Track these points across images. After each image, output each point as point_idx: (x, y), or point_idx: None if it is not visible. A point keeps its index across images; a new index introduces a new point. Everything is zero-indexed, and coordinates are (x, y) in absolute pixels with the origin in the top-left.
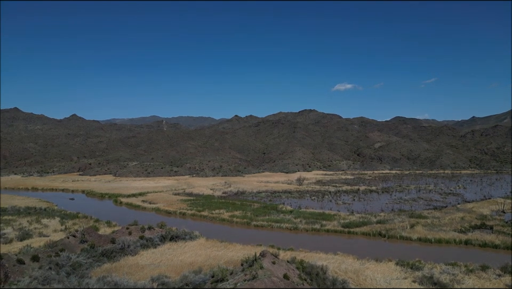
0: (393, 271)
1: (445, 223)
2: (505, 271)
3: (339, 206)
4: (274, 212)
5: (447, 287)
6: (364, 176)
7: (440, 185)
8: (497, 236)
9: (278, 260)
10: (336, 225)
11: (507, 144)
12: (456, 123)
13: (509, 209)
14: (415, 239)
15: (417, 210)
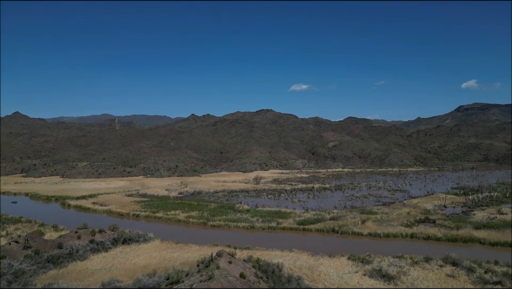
0: (346, 266)
1: (392, 218)
2: (446, 261)
3: (295, 204)
4: (231, 212)
5: (394, 278)
6: (318, 174)
7: (388, 182)
8: (439, 229)
9: (234, 259)
10: (291, 223)
11: (448, 143)
12: (404, 123)
13: (450, 204)
14: (365, 234)
15: (368, 207)
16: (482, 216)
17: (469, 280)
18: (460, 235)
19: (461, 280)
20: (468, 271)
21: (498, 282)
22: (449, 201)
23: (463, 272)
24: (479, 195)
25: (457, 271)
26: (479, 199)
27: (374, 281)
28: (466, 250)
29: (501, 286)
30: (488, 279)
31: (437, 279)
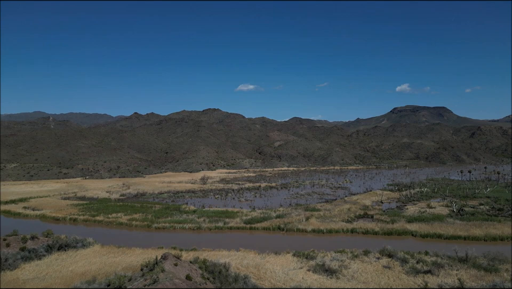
0: (291, 262)
1: (335, 214)
2: (383, 254)
3: (242, 203)
4: (177, 213)
5: (336, 272)
6: (265, 173)
7: (331, 180)
8: (376, 224)
9: (180, 261)
10: (238, 222)
11: (384, 142)
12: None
13: (386, 200)
14: (310, 231)
15: (311, 204)
16: (414, 210)
17: (403, 270)
18: (394, 229)
19: (395, 270)
20: (402, 262)
21: (429, 271)
22: (385, 197)
23: (398, 263)
24: (411, 191)
25: (393, 262)
26: (411, 194)
27: (318, 276)
28: (401, 243)
29: (430, 274)
30: (420, 268)
31: (374, 270)
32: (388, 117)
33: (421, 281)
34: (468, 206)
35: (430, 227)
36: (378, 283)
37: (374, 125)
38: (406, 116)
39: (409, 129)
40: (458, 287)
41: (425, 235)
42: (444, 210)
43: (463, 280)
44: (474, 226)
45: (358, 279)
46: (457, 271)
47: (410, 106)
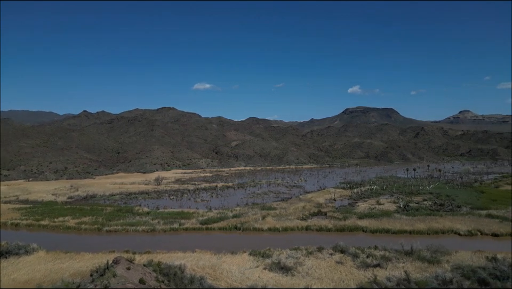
0: (247, 261)
1: (290, 213)
2: (336, 250)
3: (198, 204)
4: (129, 215)
5: (291, 269)
6: (222, 173)
7: (286, 179)
8: (330, 221)
9: (133, 265)
10: (194, 223)
11: (337, 142)
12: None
13: (338, 197)
14: (266, 229)
15: (268, 203)
16: (364, 207)
17: (354, 265)
18: (346, 225)
19: (347, 265)
20: (354, 257)
21: (378, 265)
22: (338, 194)
23: (350, 258)
24: (362, 189)
25: (345, 257)
26: (362, 192)
27: (274, 274)
28: (352, 238)
29: (379, 267)
30: (370, 262)
31: (328, 266)
32: (340, 118)
33: (371, 275)
34: (413, 202)
35: (379, 223)
36: (331, 279)
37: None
38: (357, 117)
39: (360, 129)
40: (405, 278)
41: (375, 230)
42: (392, 206)
43: (409, 272)
44: (418, 221)
45: (312, 275)
46: (404, 263)
47: (361, 107)
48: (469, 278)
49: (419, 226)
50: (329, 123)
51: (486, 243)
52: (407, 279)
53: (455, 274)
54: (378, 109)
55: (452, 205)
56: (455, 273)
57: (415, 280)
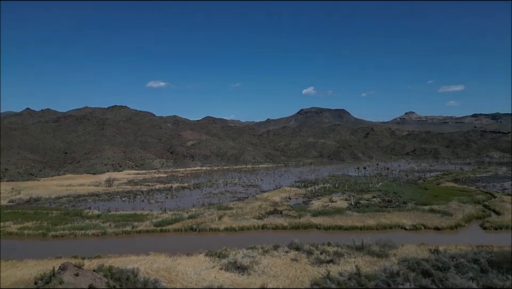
0: (203, 262)
1: (246, 212)
2: (291, 247)
3: (152, 205)
4: (78, 218)
5: (248, 268)
6: (177, 173)
7: (243, 178)
8: (285, 219)
9: (82, 271)
10: (148, 225)
11: (292, 142)
12: (256, 124)
13: (293, 196)
14: (222, 230)
15: (224, 203)
16: (318, 204)
17: (309, 262)
18: (301, 223)
19: (302, 262)
20: (308, 254)
21: (331, 261)
22: (293, 193)
23: (304, 255)
24: (316, 187)
25: (300, 255)
26: (316, 190)
27: (230, 274)
28: (307, 236)
29: (332, 263)
30: (323, 259)
31: (283, 264)
32: (295, 118)
33: (324, 270)
34: (363, 199)
35: (332, 220)
36: (286, 276)
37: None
38: (311, 117)
39: (314, 130)
40: (356, 272)
41: (328, 227)
42: (344, 203)
43: (360, 266)
44: (368, 217)
45: (268, 274)
46: (355, 258)
47: (315, 108)
48: (414, 269)
49: (369, 222)
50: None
51: (429, 237)
52: (358, 273)
53: (402, 267)
54: (331, 110)
55: (398, 201)
56: (401, 266)
57: (365, 273)
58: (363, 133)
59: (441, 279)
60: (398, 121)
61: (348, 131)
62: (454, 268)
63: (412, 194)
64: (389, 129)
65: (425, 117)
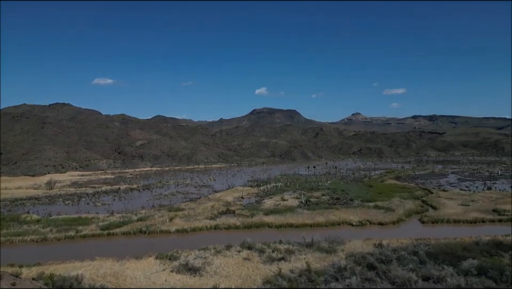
0: (153, 265)
1: (199, 213)
2: (243, 246)
3: (98, 208)
4: (15, 224)
5: (200, 269)
6: (125, 174)
7: (195, 179)
8: (238, 218)
9: (20, 280)
10: (94, 229)
11: (245, 141)
12: (208, 123)
13: (246, 195)
14: (173, 231)
15: (176, 204)
16: (270, 203)
17: (261, 260)
18: (254, 222)
19: (254, 261)
20: (260, 253)
21: (282, 258)
22: (246, 192)
23: (256, 254)
24: (268, 186)
25: (252, 253)
26: (268, 189)
27: (181, 276)
28: (259, 234)
29: (284, 261)
30: (275, 257)
31: (236, 263)
32: (248, 118)
33: (276, 268)
34: (313, 197)
35: (284, 218)
36: (239, 275)
37: (236, 125)
38: (264, 117)
39: (266, 130)
40: (306, 269)
41: (280, 225)
42: (295, 202)
43: (310, 263)
44: (318, 215)
45: (221, 274)
46: (305, 255)
47: (267, 108)
48: (360, 263)
49: (318, 219)
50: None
51: (374, 232)
52: (308, 269)
53: (349, 262)
54: (283, 110)
55: (346, 199)
56: (348, 261)
57: (315, 269)
58: (313, 133)
59: (384, 271)
60: (346, 121)
61: (299, 131)
62: (396, 260)
63: (358, 192)
64: (337, 129)
65: (370, 118)
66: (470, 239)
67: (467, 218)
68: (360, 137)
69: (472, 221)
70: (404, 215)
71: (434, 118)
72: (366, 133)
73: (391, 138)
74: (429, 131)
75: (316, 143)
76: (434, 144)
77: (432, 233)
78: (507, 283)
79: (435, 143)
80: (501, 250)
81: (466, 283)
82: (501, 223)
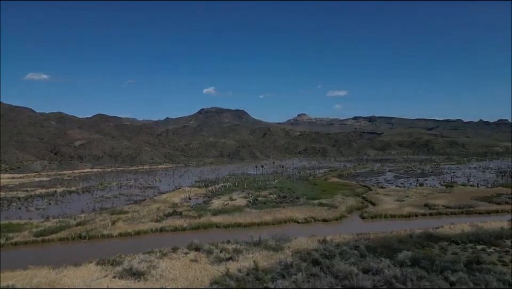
0: (94, 272)
1: (143, 215)
2: (191, 248)
3: (31, 213)
4: None
5: (144, 274)
6: (63, 176)
7: (140, 180)
8: (185, 220)
9: None
10: (27, 236)
11: (193, 141)
12: (154, 123)
13: (194, 196)
14: (116, 235)
15: (119, 207)
16: (218, 203)
17: (209, 261)
18: (201, 223)
19: (202, 262)
20: (208, 253)
21: (230, 258)
22: (193, 193)
23: (204, 255)
24: (216, 186)
25: (199, 255)
26: (216, 189)
27: (125, 281)
28: (207, 235)
29: (232, 260)
30: (223, 257)
31: (182, 266)
32: (195, 117)
33: (224, 268)
34: (261, 196)
35: (232, 218)
36: (186, 278)
37: (183, 125)
38: (212, 117)
39: (214, 129)
40: (253, 267)
41: (228, 225)
42: (243, 201)
43: (257, 261)
44: (265, 213)
45: (167, 277)
46: (253, 254)
47: (215, 108)
48: (306, 260)
49: (266, 218)
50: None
51: (318, 228)
52: (256, 268)
53: (295, 258)
54: (231, 110)
55: (292, 197)
56: (294, 257)
57: (262, 268)
58: (261, 133)
59: (328, 266)
60: (292, 122)
61: (247, 131)
62: (339, 255)
63: (303, 190)
64: (284, 129)
65: (315, 119)
66: (405, 232)
67: (402, 213)
68: (305, 137)
69: (407, 215)
70: (346, 212)
71: (373, 119)
72: (311, 133)
73: (334, 138)
74: (368, 132)
75: (263, 143)
76: (373, 143)
77: (372, 228)
78: (437, 272)
79: (374, 143)
80: (432, 242)
81: (401, 274)
82: (432, 216)
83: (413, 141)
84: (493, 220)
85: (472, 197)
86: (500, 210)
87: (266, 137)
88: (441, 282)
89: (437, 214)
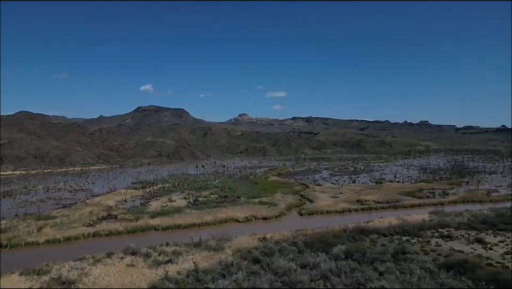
0: (17, 283)
1: (74, 220)
2: (127, 253)
3: None
4: None
5: (76, 282)
6: None
7: (70, 182)
8: (120, 223)
9: None
10: None
11: (129, 141)
12: (86, 121)
13: (130, 198)
14: (43, 242)
15: (45, 212)
16: (157, 205)
17: (146, 265)
18: (138, 226)
19: (139, 266)
20: (145, 257)
21: (169, 261)
22: (129, 195)
23: (141, 259)
24: (155, 187)
25: (136, 259)
26: (154, 190)
27: None
28: (145, 238)
29: (171, 263)
30: (161, 260)
31: (118, 271)
32: (132, 116)
33: (162, 272)
34: (202, 197)
35: (171, 220)
36: (121, 284)
37: (118, 123)
38: (150, 116)
39: (152, 129)
40: (194, 269)
41: (167, 227)
42: (183, 202)
43: (197, 262)
44: (206, 214)
45: (100, 284)
46: (193, 255)
47: (153, 106)
48: (246, 258)
49: (207, 218)
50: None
51: (259, 227)
52: (196, 269)
53: (236, 257)
54: (170, 109)
55: (233, 196)
56: (235, 257)
57: (202, 269)
58: (202, 132)
59: (268, 263)
60: (233, 122)
61: (187, 130)
62: (278, 252)
63: (244, 189)
64: (225, 129)
65: (255, 119)
66: (339, 227)
67: (337, 209)
68: (246, 137)
69: (341, 211)
70: (285, 209)
71: (310, 120)
72: (252, 133)
73: (274, 138)
74: (306, 132)
75: (204, 142)
76: (311, 143)
77: (309, 224)
78: (368, 263)
79: (311, 142)
80: (363, 235)
81: (336, 267)
82: (363, 211)
83: (346, 140)
84: (416, 213)
85: (398, 192)
86: (421, 204)
87: (208, 136)
88: (372, 273)
89: (368, 209)
